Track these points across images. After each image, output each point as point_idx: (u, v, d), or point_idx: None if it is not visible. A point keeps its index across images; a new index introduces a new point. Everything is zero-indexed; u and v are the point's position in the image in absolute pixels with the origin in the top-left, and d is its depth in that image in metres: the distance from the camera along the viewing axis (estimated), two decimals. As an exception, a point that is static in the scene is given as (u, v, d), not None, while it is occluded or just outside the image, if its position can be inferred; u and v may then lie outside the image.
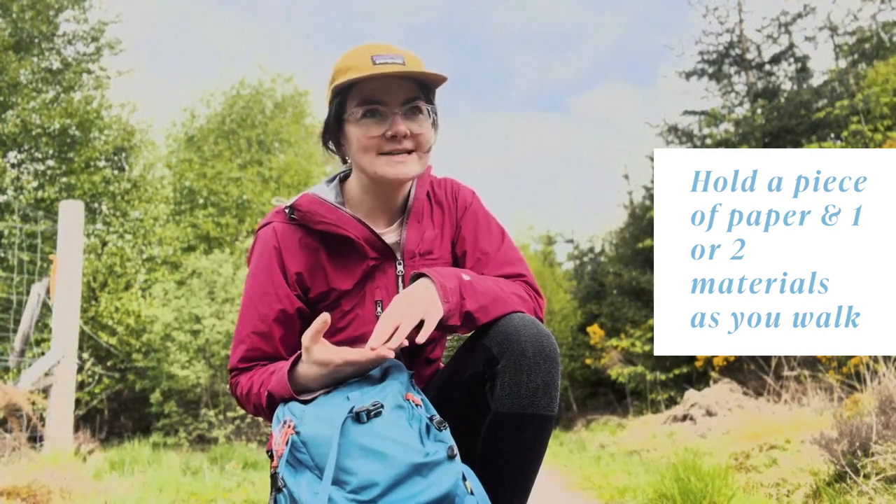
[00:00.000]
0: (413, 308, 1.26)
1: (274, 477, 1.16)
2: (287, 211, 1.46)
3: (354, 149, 1.42)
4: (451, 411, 1.34)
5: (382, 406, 1.16)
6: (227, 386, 8.77)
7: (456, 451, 1.18)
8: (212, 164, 13.18)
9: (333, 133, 1.47)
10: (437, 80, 1.40)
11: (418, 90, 1.40)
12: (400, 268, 1.48)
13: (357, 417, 1.14)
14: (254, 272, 1.46)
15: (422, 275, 1.34)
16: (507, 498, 1.32)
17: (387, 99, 1.37)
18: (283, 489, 1.13)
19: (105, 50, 11.79)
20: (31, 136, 10.43)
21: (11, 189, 10.26)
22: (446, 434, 1.20)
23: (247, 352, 1.42)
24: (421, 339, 1.24)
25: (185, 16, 32.96)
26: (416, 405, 1.22)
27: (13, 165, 10.68)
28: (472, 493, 1.17)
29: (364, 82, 1.36)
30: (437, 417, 1.22)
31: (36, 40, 11.05)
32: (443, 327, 1.30)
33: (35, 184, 10.59)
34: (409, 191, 1.54)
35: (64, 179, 10.62)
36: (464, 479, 1.18)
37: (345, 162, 1.52)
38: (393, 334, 1.23)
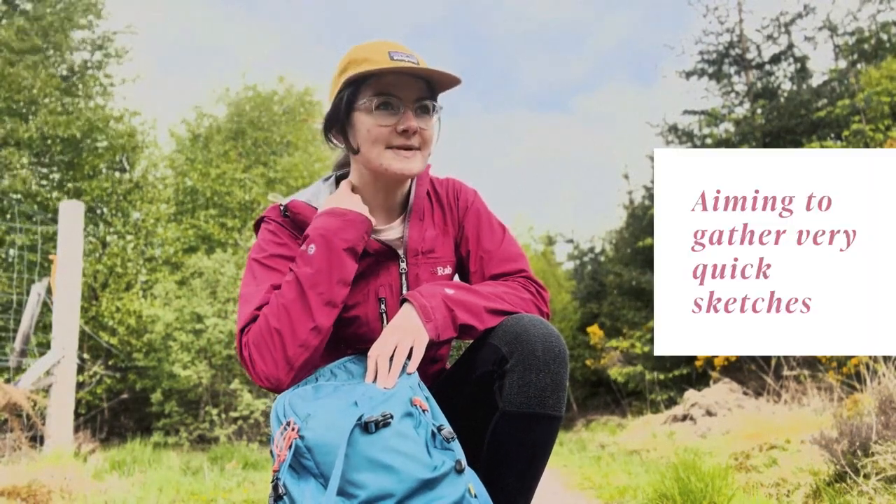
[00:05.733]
0: (400, 337, 1.28)
1: (275, 482, 1.11)
2: (282, 209, 1.48)
3: (363, 139, 1.40)
4: (459, 410, 1.35)
5: (392, 416, 1.13)
6: (228, 385, 8.81)
7: (464, 464, 1.16)
8: (216, 163, 13.18)
9: (340, 123, 1.45)
10: (452, 83, 1.41)
11: (428, 91, 1.42)
12: (403, 265, 1.48)
13: (365, 427, 1.11)
14: (261, 243, 1.45)
15: (405, 300, 1.36)
16: (511, 497, 1.32)
17: (401, 94, 1.38)
18: (284, 496, 1.09)
19: (111, 59, 11.90)
20: (38, 142, 10.47)
21: (18, 193, 10.29)
22: (455, 445, 1.18)
23: (265, 298, 1.35)
24: (411, 368, 1.26)
25: (187, 16, 32.98)
26: (424, 410, 1.20)
27: (20, 167, 10.72)
28: (475, 496, 1.16)
29: (382, 75, 1.37)
30: (447, 428, 1.19)
31: (50, 50, 11.13)
32: (442, 342, 1.32)
33: (41, 188, 10.63)
34: (410, 189, 1.54)
35: (70, 185, 10.70)
36: None
37: (353, 151, 1.46)
38: (391, 368, 1.25)
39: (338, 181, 1.57)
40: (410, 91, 1.39)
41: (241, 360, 1.33)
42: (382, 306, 1.45)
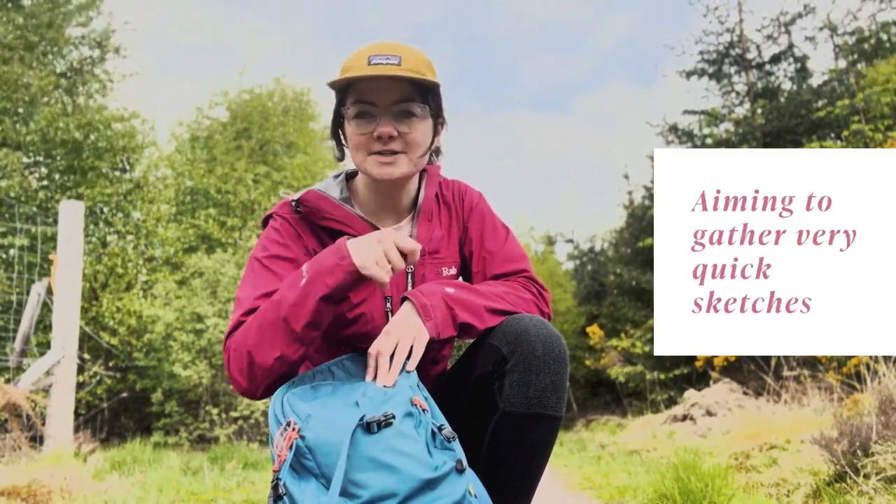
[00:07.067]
0: (401, 335, 1.28)
1: (275, 483, 1.11)
2: (293, 204, 1.47)
3: (350, 146, 1.45)
4: (459, 410, 1.35)
5: (393, 416, 1.13)
6: (228, 385, 8.80)
7: (465, 464, 1.16)
8: (220, 161, 13.17)
9: (335, 129, 1.50)
10: (427, 82, 1.39)
11: (413, 91, 1.40)
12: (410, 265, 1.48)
13: (368, 427, 1.10)
14: (264, 241, 1.45)
15: (405, 298, 1.35)
16: (512, 498, 1.32)
17: (378, 100, 1.38)
18: (285, 496, 1.09)
19: (109, 55, 11.91)
20: (39, 142, 10.47)
21: (18, 193, 10.29)
22: (455, 445, 1.18)
23: (253, 304, 1.32)
24: (411, 366, 1.26)
25: (187, 16, 32.99)
26: (424, 410, 1.20)
27: (20, 167, 10.73)
28: (475, 497, 1.16)
29: (358, 82, 1.38)
30: (447, 428, 1.19)
31: (46, 47, 11.13)
32: (442, 341, 1.32)
33: (42, 188, 10.63)
34: (419, 190, 1.55)
35: (71, 185, 10.71)
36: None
37: (342, 158, 1.53)
38: (391, 367, 1.25)
39: (348, 179, 1.58)
40: (388, 94, 1.38)
41: (224, 354, 1.33)
42: (388, 304, 1.46)
